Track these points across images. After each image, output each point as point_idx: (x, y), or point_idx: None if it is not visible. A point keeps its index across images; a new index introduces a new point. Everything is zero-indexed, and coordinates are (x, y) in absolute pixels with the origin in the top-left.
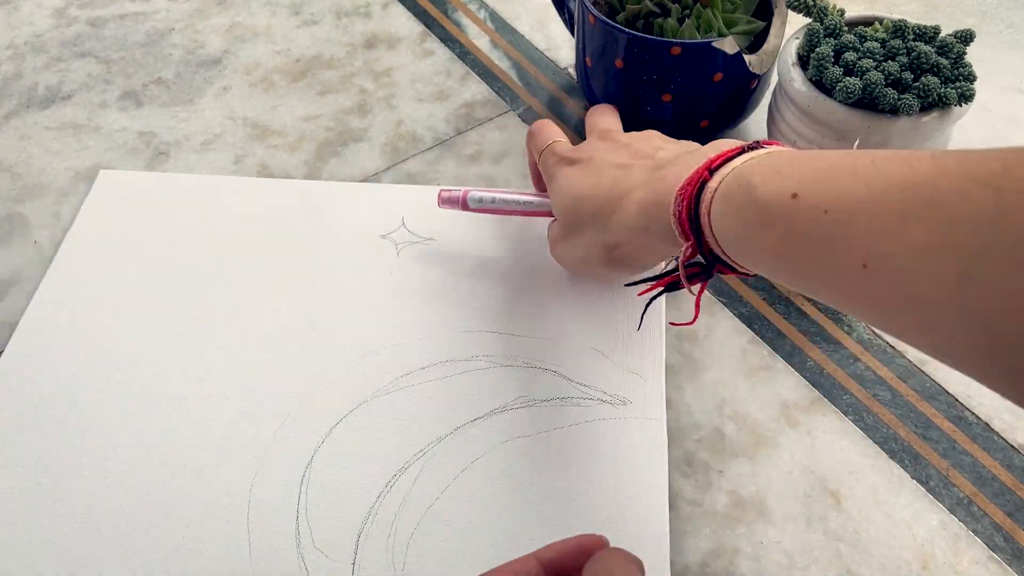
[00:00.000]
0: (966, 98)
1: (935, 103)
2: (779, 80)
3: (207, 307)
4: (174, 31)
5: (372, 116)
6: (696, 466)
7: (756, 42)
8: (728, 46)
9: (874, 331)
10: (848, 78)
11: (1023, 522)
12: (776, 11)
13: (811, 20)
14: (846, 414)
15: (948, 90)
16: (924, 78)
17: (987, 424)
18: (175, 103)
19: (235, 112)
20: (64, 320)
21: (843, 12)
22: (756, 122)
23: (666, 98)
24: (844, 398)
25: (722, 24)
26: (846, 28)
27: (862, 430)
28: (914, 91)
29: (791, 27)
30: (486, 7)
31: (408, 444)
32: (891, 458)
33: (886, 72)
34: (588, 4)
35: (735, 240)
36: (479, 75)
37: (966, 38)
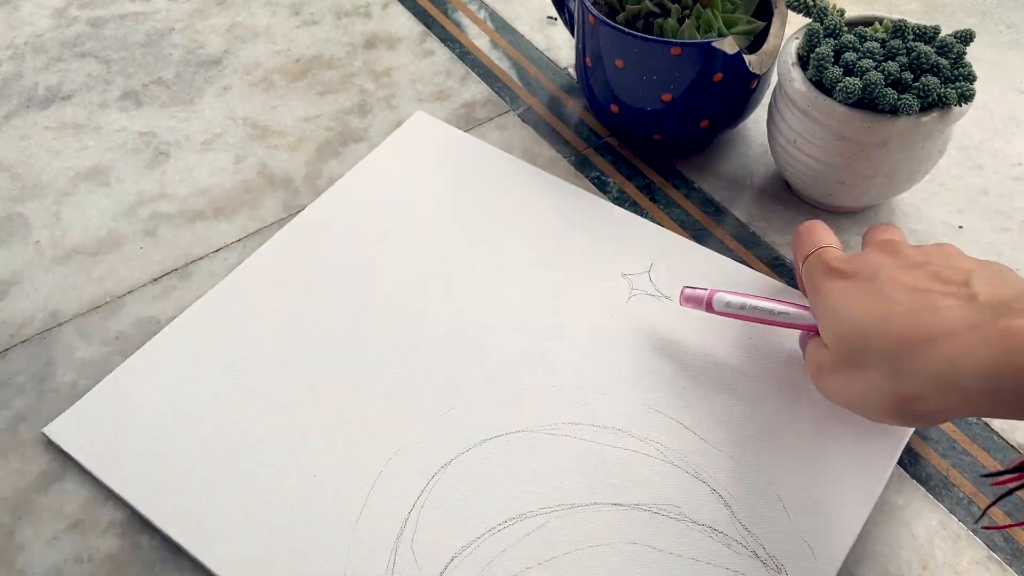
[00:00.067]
0: (966, 98)
1: (935, 103)
2: (779, 80)
3: (431, 276)
4: (174, 31)
5: (372, 116)
6: None
7: (756, 42)
8: (728, 46)
9: None
10: (848, 78)
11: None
12: (776, 11)
13: (811, 20)
14: None
15: (948, 90)
16: (924, 78)
17: (987, 424)
18: (175, 103)
19: (235, 112)
20: (306, 254)
21: (843, 12)
22: (756, 122)
23: (666, 98)
24: None
25: (722, 24)
26: (846, 28)
27: None
28: (914, 91)
29: (791, 27)
30: (486, 7)
31: (540, 493)
32: None
33: (886, 72)
34: (588, 4)
35: None
36: (479, 75)
37: (966, 38)
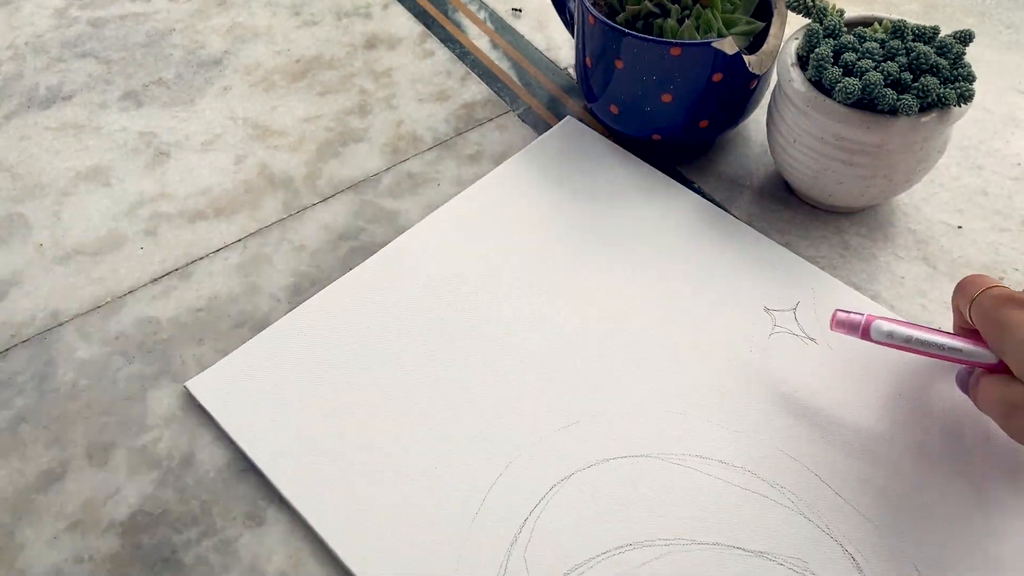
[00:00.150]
0: (965, 98)
1: (934, 103)
2: (778, 80)
3: (568, 285)
4: (175, 31)
5: (372, 116)
6: None
7: (756, 42)
8: (728, 47)
9: None
10: (847, 78)
11: None
12: (776, 12)
13: (810, 21)
14: None
15: (947, 90)
16: (923, 78)
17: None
18: (175, 103)
19: (235, 112)
20: (446, 247)
21: (842, 12)
22: (756, 122)
23: (666, 98)
24: None
25: (722, 24)
26: (845, 28)
27: None
28: (913, 91)
29: (790, 27)
30: (486, 7)
31: (660, 524)
32: None
33: (885, 72)
34: (588, 5)
35: None
36: (479, 75)
37: (965, 38)
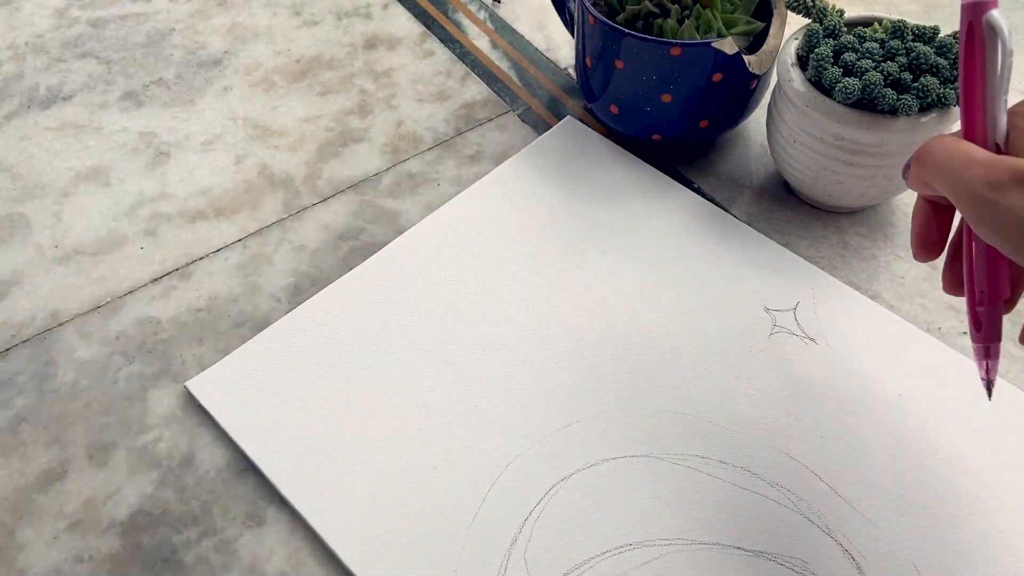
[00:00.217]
0: None
1: (934, 103)
2: (778, 81)
3: (568, 285)
4: (175, 32)
5: (372, 116)
6: None
7: (755, 43)
8: (727, 47)
9: None
10: (847, 78)
11: None
12: (775, 12)
13: (810, 21)
14: None
15: (947, 90)
16: (923, 78)
17: None
18: (176, 103)
19: (236, 112)
20: (442, 248)
21: (842, 13)
22: (755, 122)
23: (666, 98)
24: None
25: (722, 25)
26: (845, 29)
27: None
28: (913, 91)
29: (790, 28)
30: (486, 8)
31: (660, 524)
32: None
33: (885, 72)
34: (588, 4)
35: None
36: (479, 75)
37: None
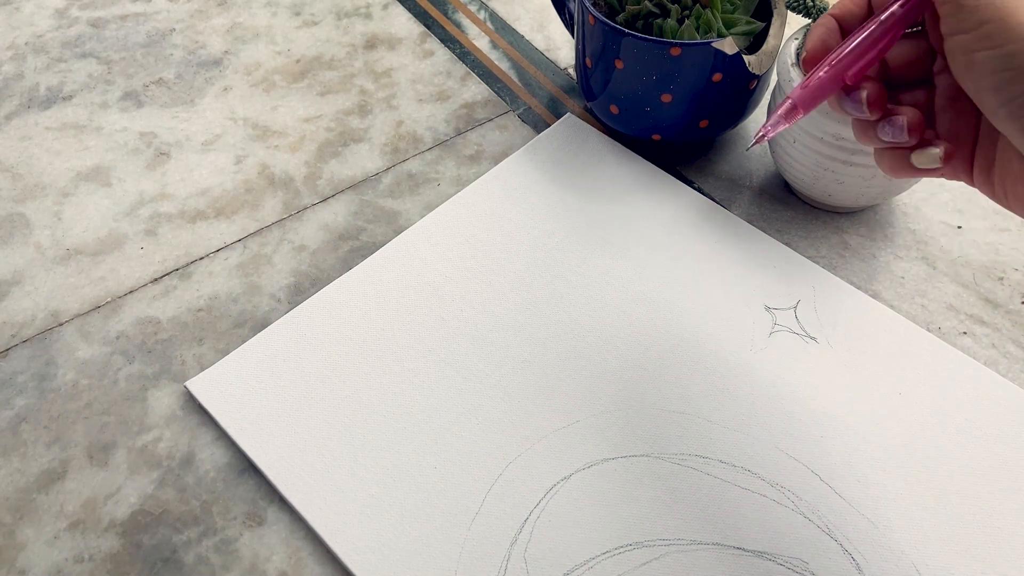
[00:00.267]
0: None
1: None
2: (778, 80)
3: (566, 284)
4: (175, 32)
5: (372, 116)
6: None
7: (755, 42)
8: (727, 47)
9: None
10: None
11: None
12: (775, 12)
13: (810, 20)
14: None
15: None
16: None
17: None
18: (176, 104)
19: (236, 113)
20: (443, 245)
21: None
22: (756, 122)
23: (666, 98)
24: None
25: (722, 25)
26: None
27: None
28: None
29: (790, 27)
30: (486, 8)
31: (660, 523)
32: None
33: None
34: (588, 5)
35: None
36: (479, 75)
37: None
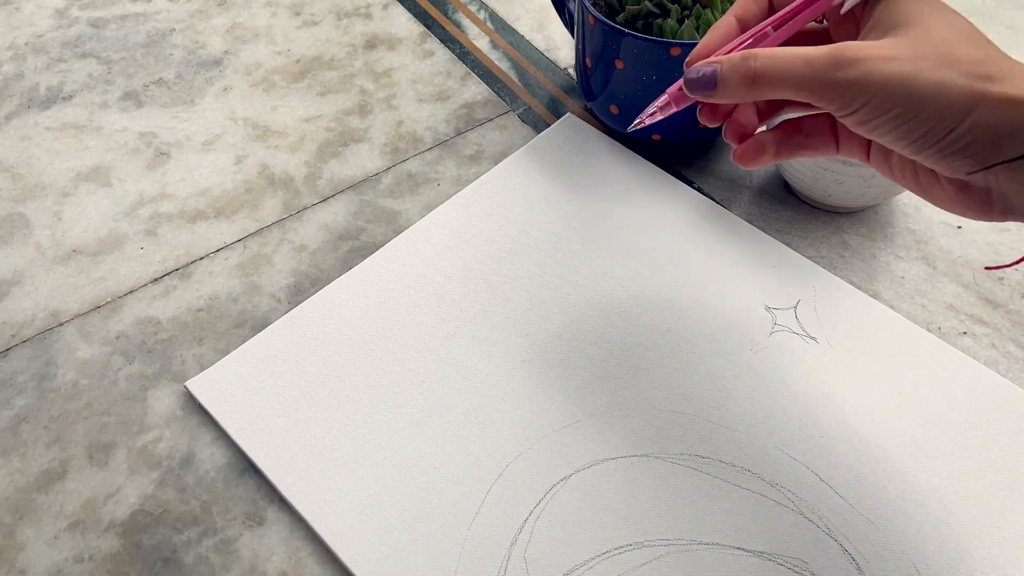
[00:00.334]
0: None
1: None
2: None
3: (564, 284)
4: (175, 32)
5: (372, 116)
6: None
7: None
8: None
9: None
10: None
11: None
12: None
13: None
14: None
15: None
16: None
17: None
18: (176, 104)
19: (236, 113)
20: (441, 246)
21: None
22: None
23: None
24: None
25: None
26: None
27: None
28: None
29: None
30: (486, 8)
31: (660, 524)
32: None
33: None
34: (588, 4)
35: None
36: (479, 75)
37: None
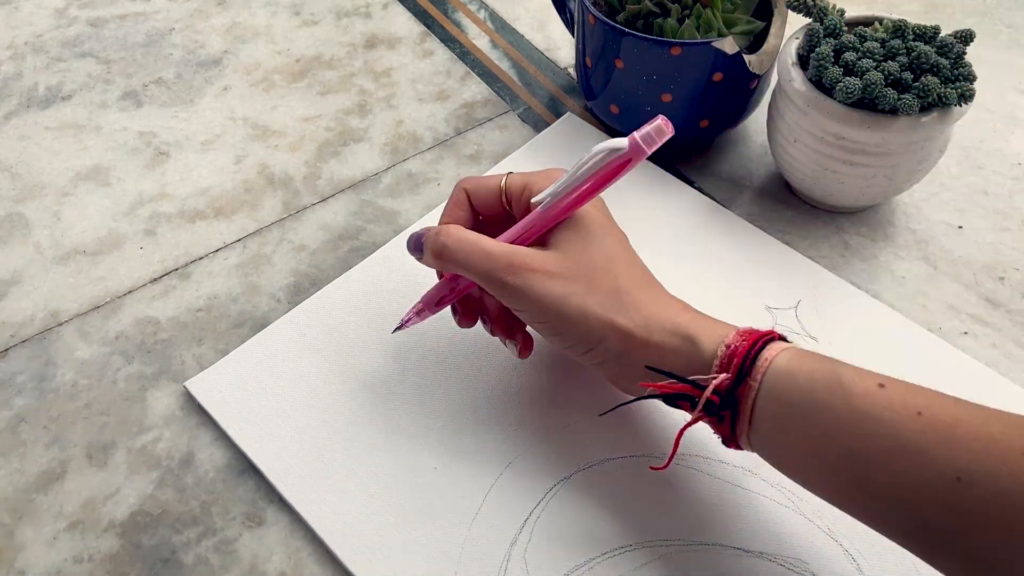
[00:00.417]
0: (966, 98)
1: (935, 103)
2: (779, 80)
3: None
4: (174, 31)
5: (372, 116)
6: None
7: (756, 42)
8: (728, 46)
9: None
10: (848, 78)
11: None
12: (776, 11)
13: (811, 20)
14: None
15: (948, 90)
16: (924, 78)
17: None
18: (175, 103)
19: (235, 112)
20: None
21: (843, 12)
22: (756, 122)
23: (666, 98)
24: None
25: (722, 24)
26: (846, 28)
27: None
28: (914, 91)
29: (791, 27)
30: (486, 7)
31: (660, 524)
32: None
33: (886, 72)
34: (588, 4)
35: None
36: (479, 75)
37: (966, 38)
